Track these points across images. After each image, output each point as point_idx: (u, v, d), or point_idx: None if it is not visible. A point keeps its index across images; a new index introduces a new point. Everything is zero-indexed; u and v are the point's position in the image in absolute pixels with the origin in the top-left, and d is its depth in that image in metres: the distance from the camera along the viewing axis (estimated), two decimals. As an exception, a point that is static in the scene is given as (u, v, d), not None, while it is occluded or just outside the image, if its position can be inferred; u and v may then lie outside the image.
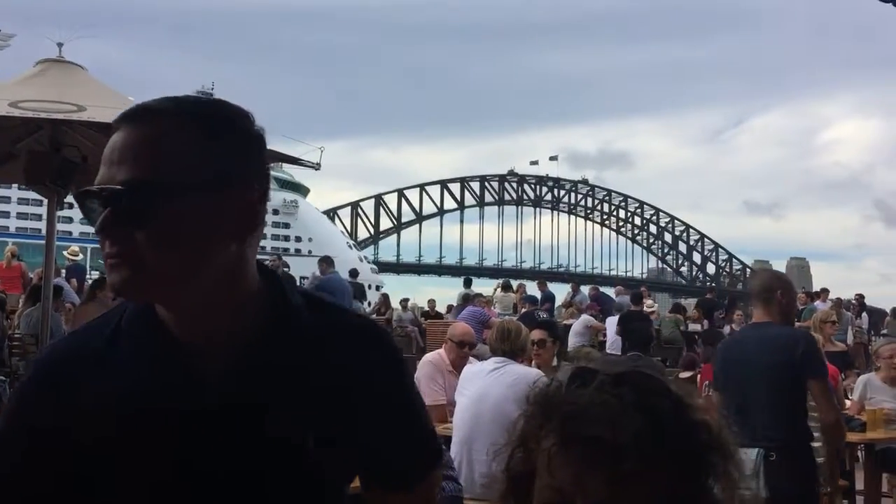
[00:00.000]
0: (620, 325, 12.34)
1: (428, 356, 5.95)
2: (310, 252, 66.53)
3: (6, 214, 69.77)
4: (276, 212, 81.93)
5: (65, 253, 13.71)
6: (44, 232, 5.52)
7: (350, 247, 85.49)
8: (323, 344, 1.21)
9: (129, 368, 1.15)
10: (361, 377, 1.22)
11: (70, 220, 61.80)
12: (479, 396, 4.43)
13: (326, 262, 12.47)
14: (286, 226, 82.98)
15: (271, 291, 1.21)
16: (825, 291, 18.38)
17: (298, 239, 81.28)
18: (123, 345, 1.17)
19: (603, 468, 0.88)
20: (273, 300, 1.20)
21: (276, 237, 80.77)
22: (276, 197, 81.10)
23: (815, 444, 4.15)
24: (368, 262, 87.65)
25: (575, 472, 0.90)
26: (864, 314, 18.95)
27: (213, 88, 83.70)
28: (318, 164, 7.55)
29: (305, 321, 1.21)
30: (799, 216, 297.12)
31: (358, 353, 1.23)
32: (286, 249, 71.46)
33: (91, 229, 1.13)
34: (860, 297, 19.48)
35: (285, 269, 13.69)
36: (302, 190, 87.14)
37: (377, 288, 50.03)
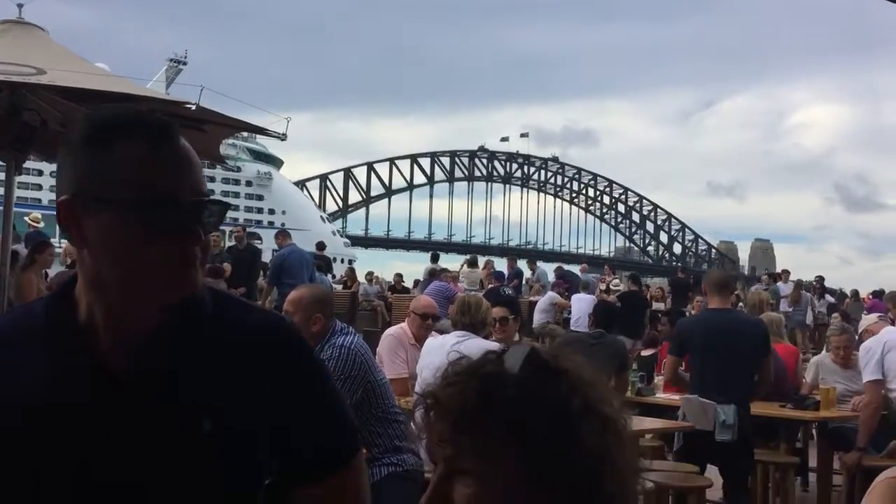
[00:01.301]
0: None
1: (390, 330, 5.96)
2: (282, 225, 65.83)
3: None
4: (249, 183, 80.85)
5: (26, 219, 13.50)
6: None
7: (323, 220, 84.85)
8: (225, 337, 1.26)
9: (40, 358, 1.20)
10: (263, 370, 1.25)
11: (39, 187, 60.52)
12: (440, 369, 4.45)
13: (283, 234, 12.34)
14: (259, 198, 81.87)
15: None
16: (786, 273, 18.70)
17: (272, 212, 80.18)
18: (39, 335, 1.22)
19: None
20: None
21: (249, 209, 79.70)
22: (250, 168, 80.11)
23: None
24: (342, 236, 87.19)
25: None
26: (827, 296, 19.30)
27: (185, 56, 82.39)
28: (285, 135, 7.53)
29: (208, 314, 1.26)
30: (762, 198, 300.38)
31: (260, 348, 1.27)
32: (259, 222, 70.72)
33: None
34: (820, 279, 19.84)
35: (252, 242, 13.60)
36: (276, 162, 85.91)
37: (349, 262, 49.67)
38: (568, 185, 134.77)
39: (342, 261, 50.81)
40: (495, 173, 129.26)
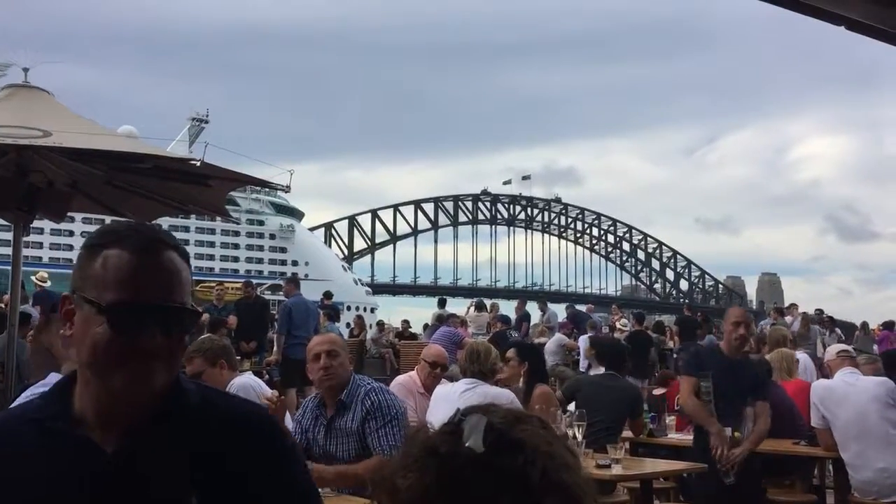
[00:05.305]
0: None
1: (399, 378, 5.94)
2: (306, 276, 65.45)
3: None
4: (272, 236, 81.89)
5: (33, 278, 13.47)
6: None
7: (345, 269, 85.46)
8: (210, 423, 1.38)
9: (43, 447, 1.31)
10: (243, 451, 1.37)
11: (40, 245, 60.93)
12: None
13: (292, 283, 12.37)
14: (283, 250, 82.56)
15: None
16: (794, 306, 18.60)
17: (295, 263, 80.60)
18: (42, 425, 1.34)
19: None
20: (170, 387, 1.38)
21: (273, 261, 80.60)
22: (273, 222, 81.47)
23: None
24: (363, 285, 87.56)
25: None
26: (837, 329, 19.14)
27: (207, 115, 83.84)
28: (288, 187, 7.67)
29: (193, 405, 1.38)
30: (765, 232, 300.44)
31: (241, 432, 1.39)
32: (283, 273, 71.09)
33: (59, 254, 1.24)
34: (820, 312, 19.65)
35: (261, 294, 13.66)
36: (297, 214, 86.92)
37: (371, 310, 49.49)
38: (572, 226, 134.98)
39: (364, 309, 50.76)
40: (499, 216, 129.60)
